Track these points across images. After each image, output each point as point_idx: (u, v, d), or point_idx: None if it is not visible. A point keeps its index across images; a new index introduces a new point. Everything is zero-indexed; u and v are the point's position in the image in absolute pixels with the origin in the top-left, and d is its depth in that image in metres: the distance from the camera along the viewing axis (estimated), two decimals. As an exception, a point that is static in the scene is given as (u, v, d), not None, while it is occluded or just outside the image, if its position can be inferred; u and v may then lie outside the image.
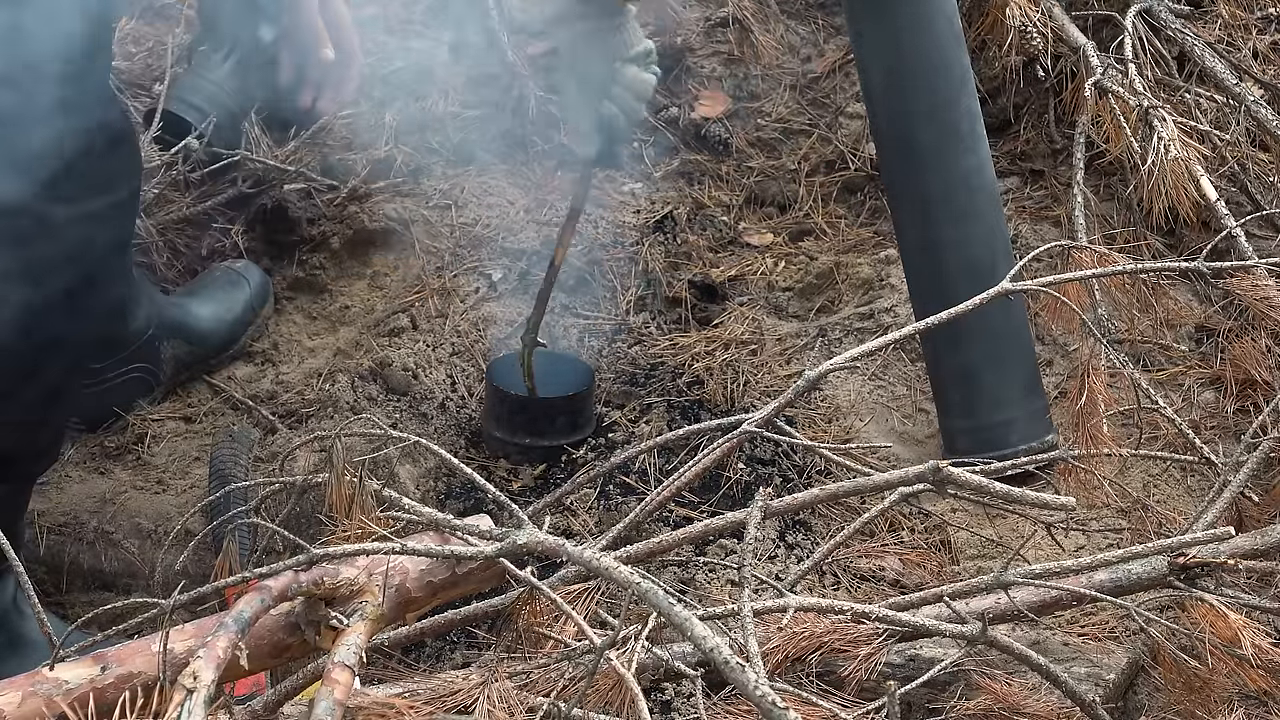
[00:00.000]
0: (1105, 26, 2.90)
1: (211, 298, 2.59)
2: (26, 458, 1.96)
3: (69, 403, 2.00)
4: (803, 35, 3.15)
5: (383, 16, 3.09)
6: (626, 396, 2.52)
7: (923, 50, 2.30)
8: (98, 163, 1.87)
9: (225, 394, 2.54)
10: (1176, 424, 2.23)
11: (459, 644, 2.08)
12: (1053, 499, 1.73)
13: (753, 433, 1.93)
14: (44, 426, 1.97)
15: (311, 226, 2.73)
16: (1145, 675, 1.84)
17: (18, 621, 2.03)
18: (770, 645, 1.72)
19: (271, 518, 2.08)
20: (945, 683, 1.76)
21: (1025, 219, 2.79)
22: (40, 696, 1.41)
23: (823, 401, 2.47)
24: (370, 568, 1.57)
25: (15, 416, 1.89)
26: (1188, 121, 2.68)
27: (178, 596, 1.46)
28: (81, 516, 2.32)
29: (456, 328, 2.57)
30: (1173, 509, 2.27)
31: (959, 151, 2.32)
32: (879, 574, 2.18)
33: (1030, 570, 1.81)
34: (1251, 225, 2.57)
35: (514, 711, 1.56)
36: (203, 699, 1.30)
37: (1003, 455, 2.20)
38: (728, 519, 1.82)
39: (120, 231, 1.97)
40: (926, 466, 1.72)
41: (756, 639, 1.52)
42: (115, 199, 1.90)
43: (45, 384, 1.91)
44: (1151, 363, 2.54)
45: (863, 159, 2.95)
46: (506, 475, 2.37)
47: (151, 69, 2.96)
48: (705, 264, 2.79)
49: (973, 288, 2.04)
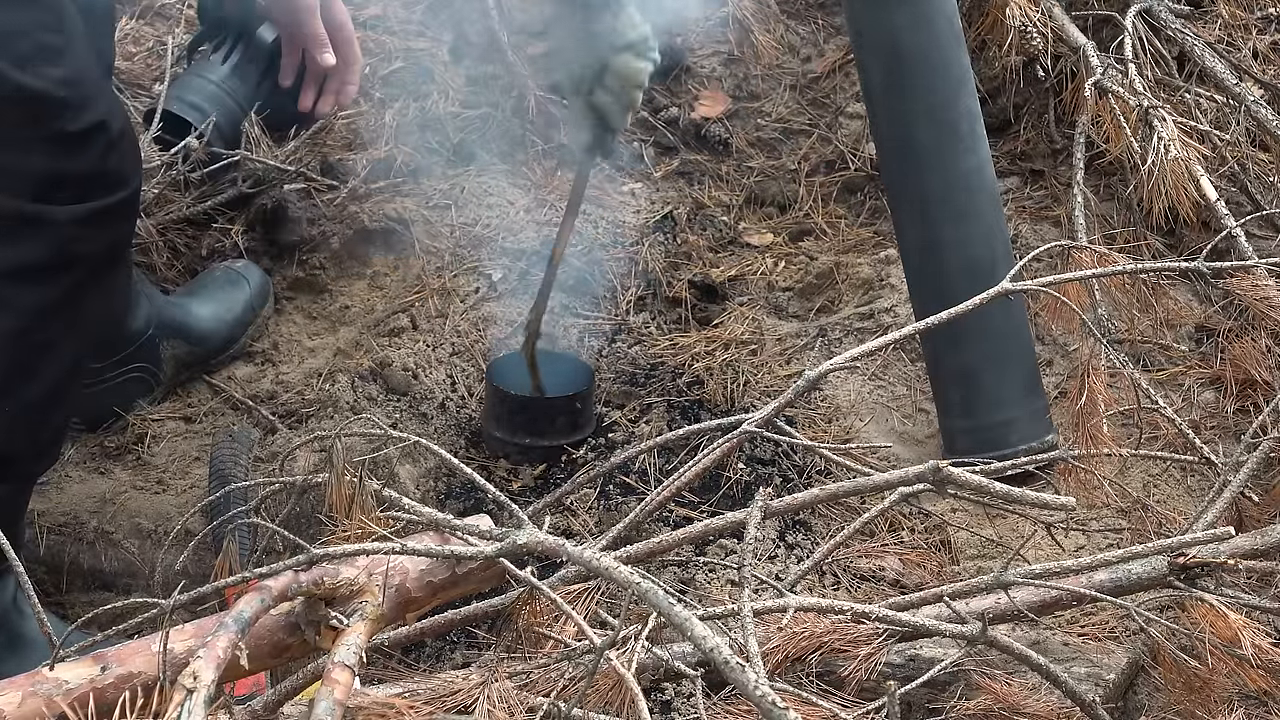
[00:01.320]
0: (1105, 26, 2.90)
1: (211, 298, 2.58)
2: (27, 457, 1.96)
3: (69, 402, 2.00)
4: (803, 35, 3.15)
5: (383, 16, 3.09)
6: (626, 396, 2.52)
7: (922, 50, 2.30)
8: (98, 163, 1.87)
9: (225, 394, 2.54)
10: (1176, 424, 2.23)
11: (459, 644, 2.08)
12: (1053, 499, 1.73)
13: (753, 433, 1.93)
14: (44, 426, 1.97)
15: (311, 226, 2.73)
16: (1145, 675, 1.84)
17: (18, 621, 2.03)
18: (770, 645, 1.72)
19: (271, 518, 2.08)
20: (945, 683, 1.76)
21: (1025, 219, 2.79)
22: (40, 696, 1.41)
23: (823, 401, 2.47)
24: (370, 568, 1.57)
25: (16, 416, 1.89)
26: (1188, 121, 2.68)
27: (178, 596, 1.46)
28: (81, 516, 2.33)
29: (456, 328, 2.57)
30: (1173, 509, 2.27)
31: (959, 151, 2.32)
32: (879, 574, 2.18)
33: (1030, 570, 1.81)
34: (1251, 225, 2.57)
35: (514, 711, 1.56)
36: (203, 699, 1.30)
37: (1003, 455, 2.20)
38: (728, 519, 1.82)
39: (120, 232, 1.97)
40: (926, 466, 1.72)
41: (756, 639, 1.52)
42: (115, 199, 1.90)
43: (46, 384, 1.91)
44: (1151, 363, 2.54)
45: (863, 159, 2.95)
46: (506, 475, 2.37)
47: (151, 69, 2.96)
48: (705, 264, 2.79)
49: (973, 288, 2.04)
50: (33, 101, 1.80)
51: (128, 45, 3.03)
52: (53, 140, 1.83)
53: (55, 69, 1.82)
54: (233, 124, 2.74)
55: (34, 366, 1.88)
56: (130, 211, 1.97)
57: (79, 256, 1.87)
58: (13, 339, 1.85)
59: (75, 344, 1.93)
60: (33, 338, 1.86)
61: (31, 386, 1.89)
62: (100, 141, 1.86)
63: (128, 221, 1.98)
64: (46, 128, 1.82)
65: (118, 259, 1.99)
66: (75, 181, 1.84)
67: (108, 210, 1.89)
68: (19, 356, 1.86)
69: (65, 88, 1.83)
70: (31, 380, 1.88)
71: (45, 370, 1.90)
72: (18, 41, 1.79)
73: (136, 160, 1.97)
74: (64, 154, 1.83)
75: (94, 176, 1.86)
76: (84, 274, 1.89)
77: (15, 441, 1.91)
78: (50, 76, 1.81)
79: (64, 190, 1.84)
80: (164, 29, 3.05)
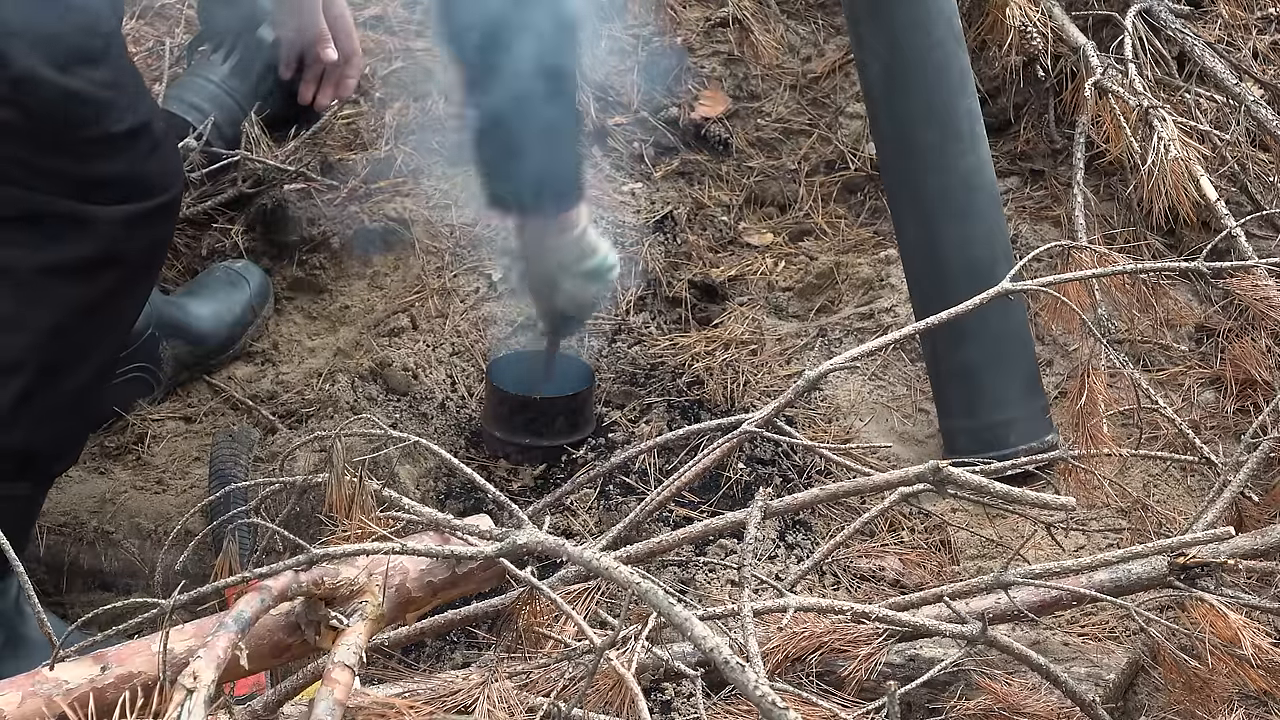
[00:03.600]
0: (1105, 26, 2.90)
1: (211, 298, 2.59)
2: (49, 456, 1.97)
3: (95, 405, 2.01)
4: (803, 35, 3.15)
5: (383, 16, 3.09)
6: (626, 396, 2.52)
7: (922, 51, 2.30)
8: (141, 165, 1.87)
9: (225, 394, 2.54)
10: (1176, 424, 2.23)
11: (459, 644, 2.08)
12: (1053, 499, 1.73)
13: (753, 433, 1.94)
14: (70, 426, 1.97)
15: (311, 226, 2.73)
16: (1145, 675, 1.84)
17: (18, 621, 2.04)
18: (770, 645, 1.72)
19: (271, 518, 2.08)
20: (945, 683, 1.76)
21: (1025, 219, 2.79)
22: (40, 696, 1.41)
23: (823, 401, 2.47)
24: (370, 568, 1.57)
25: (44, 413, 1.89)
26: (1188, 121, 2.68)
27: (178, 596, 1.46)
28: (81, 516, 2.33)
29: (456, 328, 2.57)
30: (1173, 509, 2.27)
31: (959, 151, 2.32)
32: (879, 574, 2.17)
33: (1030, 570, 1.81)
34: (1251, 225, 2.57)
35: (514, 711, 1.56)
36: (203, 699, 1.30)
37: (1003, 455, 2.20)
38: (728, 519, 1.82)
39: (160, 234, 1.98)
40: (926, 466, 1.72)
41: (756, 639, 1.52)
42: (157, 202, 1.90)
43: (76, 383, 1.91)
44: (1151, 363, 2.54)
45: (863, 159, 2.94)
46: (506, 475, 2.37)
47: (151, 69, 2.96)
48: (705, 264, 2.79)
49: (973, 288, 2.05)
50: (76, 103, 1.81)
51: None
52: (96, 142, 1.83)
53: (97, 71, 1.82)
54: (233, 124, 2.75)
55: (67, 365, 1.89)
56: (171, 214, 1.98)
57: (119, 257, 1.88)
58: (49, 335, 1.86)
59: (108, 345, 1.94)
60: (68, 336, 1.87)
61: (62, 385, 1.89)
62: (144, 143, 1.87)
63: (168, 224, 1.99)
64: (90, 130, 1.83)
65: (156, 262, 2.00)
66: (118, 183, 1.85)
67: (149, 213, 1.90)
68: (54, 353, 1.87)
69: (108, 90, 1.83)
70: (63, 378, 1.89)
71: (77, 370, 1.90)
72: (59, 44, 1.79)
73: (178, 164, 1.99)
74: (107, 155, 1.84)
75: (136, 178, 1.87)
76: (123, 275, 1.90)
77: (40, 439, 1.91)
78: (93, 79, 1.82)
79: (107, 191, 1.85)
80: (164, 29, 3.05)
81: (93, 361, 1.92)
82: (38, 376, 1.86)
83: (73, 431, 2.00)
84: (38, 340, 1.84)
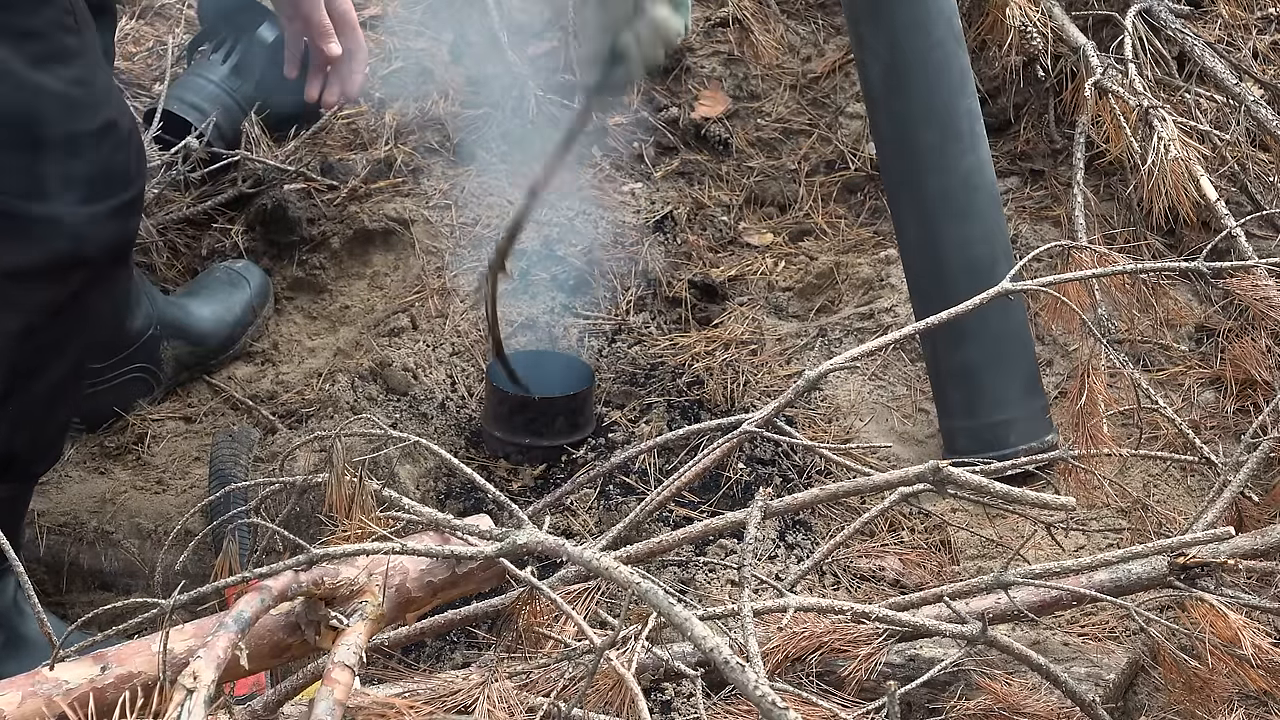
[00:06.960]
0: (1105, 26, 2.90)
1: (211, 298, 2.59)
2: (29, 457, 1.96)
3: (71, 402, 2.00)
4: (803, 35, 3.15)
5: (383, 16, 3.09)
6: (626, 396, 2.52)
7: (922, 51, 2.30)
8: (107, 162, 1.86)
9: (225, 394, 2.54)
10: (1176, 424, 2.23)
11: (459, 644, 2.08)
12: (1053, 499, 1.73)
13: (753, 433, 1.93)
14: (47, 426, 1.97)
15: (311, 226, 2.73)
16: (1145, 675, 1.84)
17: (18, 621, 2.03)
18: (770, 645, 1.72)
19: (271, 518, 2.08)
20: (945, 683, 1.76)
21: (1025, 219, 2.79)
22: (40, 696, 1.41)
23: (823, 401, 2.47)
24: (370, 568, 1.57)
25: (19, 415, 1.89)
26: (1188, 121, 2.68)
27: (178, 596, 1.46)
28: (81, 516, 2.33)
29: (456, 328, 2.57)
30: (1173, 509, 2.27)
31: (959, 151, 2.32)
32: (879, 574, 2.17)
33: (1030, 570, 1.81)
34: (1251, 225, 2.57)
35: (514, 711, 1.56)
36: (203, 699, 1.30)
37: (1003, 455, 2.20)
38: (728, 519, 1.82)
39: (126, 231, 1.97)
40: (926, 466, 1.72)
41: (756, 639, 1.52)
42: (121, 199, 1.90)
43: (49, 383, 1.91)
44: (1151, 363, 2.54)
45: (863, 159, 2.95)
46: (506, 475, 2.37)
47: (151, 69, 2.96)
48: (705, 264, 2.79)
49: (973, 288, 2.04)
50: (48, 101, 1.80)
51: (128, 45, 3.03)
52: (65, 140, 1.82)
53: (69, 69, 1.82)
54: (233, 124, 2.75)
55: (38, 366, 1.88)
56: (136, 210, 1.97)
57: (85, 257, 1.87)
58: (18, 339, 1.85)
59: (79, 344, 1.93)
60: (38, 338, 1.86)
61: (35, 386, 1.88)
62: (110, 141, 1.86)
63: (133, 221, 1.98)
64: (59, 128, 1.82)
65: (122, 258, 1.99)
66: (84, 181, 1.84)
67: (114, 210, 1.88)
68: (23, 356, 1.86)
69: (78, 87, 1.83)
70: (35, 380, 1.88)
71: (49, 370, 1.90)
72: (34, 42, 1.79)
73: (142, 159, 1.97)
74: (75, 154, 1.83)
75: (103, 176, 1.86)
76: (90, 274, 1.89)
77: (18, 441, 1.91)
78: (64, 76, 1.81)
79: (73, 190, 1.84)
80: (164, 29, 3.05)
81: (66, 360, 1.91)
82: (10, 379, 1.85)
83: (51, 431, 1.99)
84: (6, 344, 1.83)
